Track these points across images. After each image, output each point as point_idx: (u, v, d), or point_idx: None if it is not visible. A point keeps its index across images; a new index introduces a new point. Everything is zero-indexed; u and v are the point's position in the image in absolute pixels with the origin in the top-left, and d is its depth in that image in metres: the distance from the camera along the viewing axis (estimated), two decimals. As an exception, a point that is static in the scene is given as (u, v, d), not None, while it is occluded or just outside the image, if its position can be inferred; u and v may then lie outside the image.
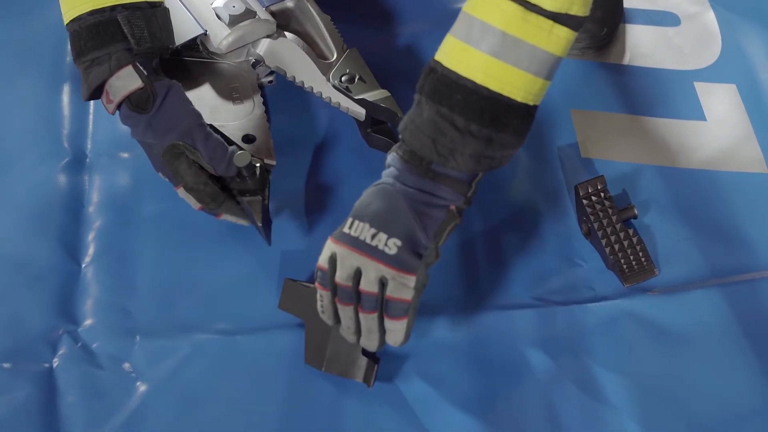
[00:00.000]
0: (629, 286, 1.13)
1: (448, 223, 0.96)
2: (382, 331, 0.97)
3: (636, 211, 1.16)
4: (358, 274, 0.93)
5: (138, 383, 1.06)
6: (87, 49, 1.04)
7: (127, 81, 1.04)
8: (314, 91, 1.21)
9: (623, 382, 1.05)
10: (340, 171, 1.25)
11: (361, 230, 0.93)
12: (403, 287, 0.93)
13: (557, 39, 0.89)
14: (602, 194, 1.15)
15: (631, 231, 1.14)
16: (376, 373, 1.04)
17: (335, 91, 1.20)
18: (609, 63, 1.37)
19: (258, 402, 1.05)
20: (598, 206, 1.15)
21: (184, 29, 1.22)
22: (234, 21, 1.21)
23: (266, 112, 1.22)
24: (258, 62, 1.23)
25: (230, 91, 1.23)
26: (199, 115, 1.08)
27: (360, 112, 1.19)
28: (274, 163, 1.16)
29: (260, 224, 1.10)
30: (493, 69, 0.89)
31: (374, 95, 1.18)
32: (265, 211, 1.10)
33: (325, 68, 1.22)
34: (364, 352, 1.04)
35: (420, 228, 0.93)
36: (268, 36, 1.23)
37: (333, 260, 0.94)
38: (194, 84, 1.23)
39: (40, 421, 1.03)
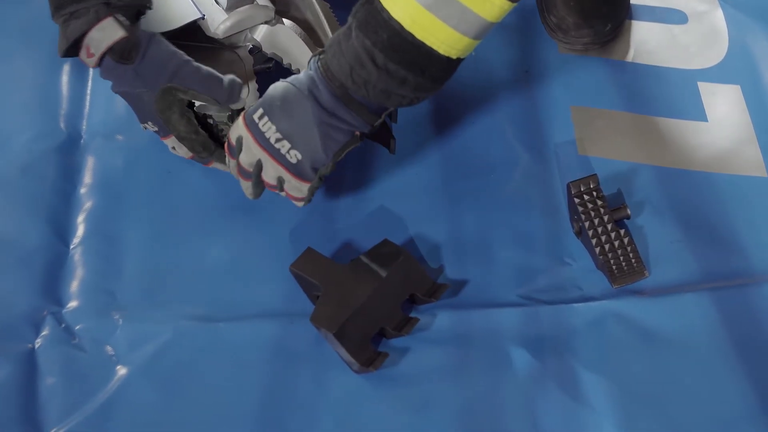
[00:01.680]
0: (618, 287, 1.11)
1: (349, 145, 1.05)
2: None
3: (629, 211, 1.15)
4: (259, 164, 1.06)
5: (118, 366, 1.06)
6: (66, 2, 1.04)
7: (109, 32, 1.04)
8: (310, 79, 1.21)
9: (606, 384, 1.04)
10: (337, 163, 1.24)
11: (268, 129, 1.03)
12: (298, 190, 1.07)
13: (491, 6, 0.92)
14: (594, 193, 1.13)
15: (622, 231, 1.13)
16: (381, 362, 1.05)
17: None
18: (612, 60, 1.35)
19: (237, 391, 1.04)
20: (589, 205, 1.13)
21: (182, 13, 1.21)
22: (232, 6, 1.21)
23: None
24: (255, 48, 1.23)
25: None
26: (183, 54, 1.09)
27: None
28: None
29: None
30: (421, 18, 0.92)
31: None
32: None
33: None
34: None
35: (322, 148, 1.03)
36: (266, 22, 1.22)
37: (240, 143, 1.06)
38: (190, 68, 1.22)
39: (18, 401, 1.03)
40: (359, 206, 1.19)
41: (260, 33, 1.22)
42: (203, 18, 1.21)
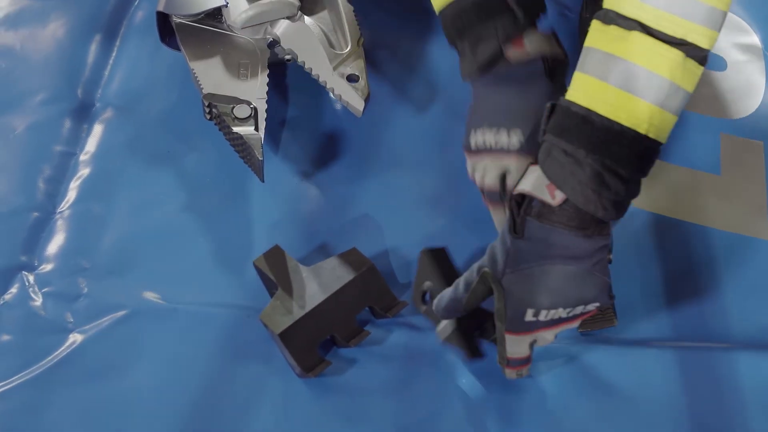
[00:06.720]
0: (582, 332, 1.08)
1: None
2: None
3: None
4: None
5: (72, 334, 1.08)
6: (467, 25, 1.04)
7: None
8: (320, 79, 1.20)
9: (546, 429, 1.01)
10: (334, 165, 1.24)
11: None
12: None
13: (695, 78, 0.90)
14: (576, 232, 1.10)
15: (598, 275, 1.09)
16: (321, 369, 1.04)
17: (338, 81, 1.19)
18: (638, 97, 1.31)
19: (178, 377, 1.05)
20: (569, 244, 1.10)
21: None
22: (257, -4, 1.21)
23: (268, 93, 1.20)
24: (275, 42, 1.23)
25: (239, 67, 1.23)
26: None
27: (358, 107, 1.18)
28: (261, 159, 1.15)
29: (261, 158, 1.11)
30: (656, 118, 0.89)
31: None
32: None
33: (333, 58, 1.21)
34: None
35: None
36: (288, 17, 1.22)
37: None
38: (206, 54, 1.23)
39: (-34, 354, 1.06)
40: (343, 211, 1.19)
41: (281, 27, 1.22)
42: (226, 5, 1.22)
